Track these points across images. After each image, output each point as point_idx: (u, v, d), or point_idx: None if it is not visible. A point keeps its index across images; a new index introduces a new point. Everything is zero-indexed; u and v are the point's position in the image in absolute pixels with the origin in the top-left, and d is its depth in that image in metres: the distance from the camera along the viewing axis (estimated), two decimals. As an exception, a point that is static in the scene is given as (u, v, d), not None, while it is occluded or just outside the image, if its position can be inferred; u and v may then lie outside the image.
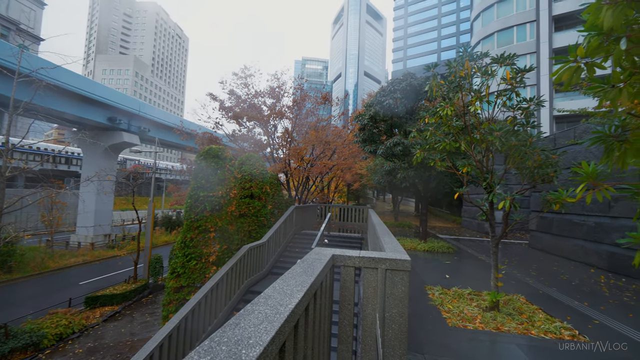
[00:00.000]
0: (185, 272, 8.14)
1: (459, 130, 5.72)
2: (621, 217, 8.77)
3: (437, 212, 28.37)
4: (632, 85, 1.73)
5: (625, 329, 4.79)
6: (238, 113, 16.96)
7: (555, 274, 8.46)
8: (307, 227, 15.02)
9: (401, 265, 2.60)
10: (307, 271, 2.06)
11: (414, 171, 10.01)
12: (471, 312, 5.09)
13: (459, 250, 11.55)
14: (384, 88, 11.22)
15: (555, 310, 5.49)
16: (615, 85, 1.76)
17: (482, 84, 5.57)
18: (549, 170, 4.72)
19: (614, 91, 1.75)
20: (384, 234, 4.21)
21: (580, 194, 2.12)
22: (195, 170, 8.64)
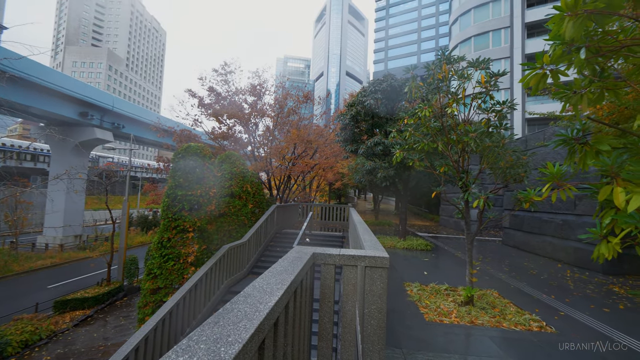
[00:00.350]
0: (162, 274, 7.91)
1: (436, 131, 5.89)
2: (585, 215, 9.34)
3: (417, 211, 29.05)
4: (591, 92, 1.86)
5: (587, 319, 5.11)
6: (218, 110, 16.65)
7: (526, 269, 8.89)
8: (288, 226, 14.99)
9: (380, 262, 2.66)
10: (287, 269, 2.08)
11: (394, 171, 10.21)
12: (447, 307, 5.27)
13: (437, 247, 11.90)
14: (365, 88, 11.36)
15: (525, 303, 5.78)
16: (576, 91, 1.89)
17: (458, 86, 5.77)
18: (520, 171, 4.96)
19: (576, 97, 1.88)
20: (364, 232, 4.28)
21: (546, 193, 2.25)
22: (173, 168, 8.42)
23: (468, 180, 5.42)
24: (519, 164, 4.96)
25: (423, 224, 21.60)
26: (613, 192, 1.58)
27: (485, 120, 5.39)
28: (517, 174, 5.03)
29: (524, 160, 4.96)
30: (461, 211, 5.68)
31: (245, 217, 11.71)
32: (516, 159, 4.98)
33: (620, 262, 8.57)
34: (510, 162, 5.00)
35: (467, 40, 30.14)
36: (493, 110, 5.33)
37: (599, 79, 1.90)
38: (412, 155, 5.81)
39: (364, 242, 3.55)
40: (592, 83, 1.85)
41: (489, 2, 29.36)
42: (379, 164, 10.43)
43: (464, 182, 5.41)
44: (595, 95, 1.96)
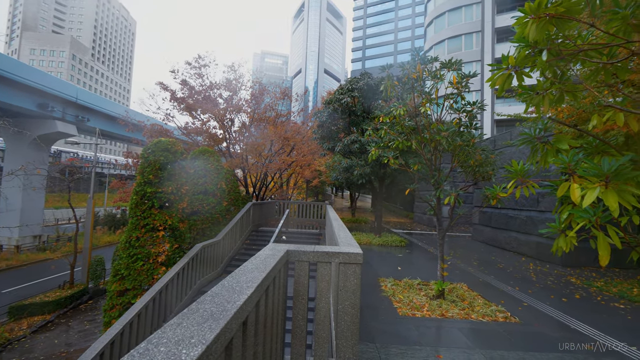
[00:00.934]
0: (130, 274, 7.56)
1: (411, 130, 6.02)
2: (546, 211, 9.94)
3: (392, 208, 29.69)
4: (552, 94, 1.96)
5: (547, 309, 5.44)
6: (191, 105, 16.11)
7: (493, 263, 9.33)
8: (265, 224, 14.81)
9: (353, 258, 2.67)
10: (259, 267, 2.03)
11: (370, 168, 10.35)
12: (420, 301, 5.42)
13: (411, 243, 12.22)
14: (342, 86, 11.41)
15: (492, 295, 6.06)
16: (539, 92, 1.98)
17: (432, 86, 5.92)
18: (488, 169, 5.19)
19: (538, 98, 1.97)
20: (339, 229, 4.29)
21: (510, 189, 2.34)
22: (142, 164, 8.04)
23: (440, 178, 5.59)
24: (487, 162, 5.18)
25: (398, 220, 22.12)
26: (570, 189, 1.66)
27: (456, 120, 5.57)
28: (485, 172, 5.25)
29: (492, 158, 5.19)
30: (433, 208, 5.85)
31: (219, 215, 11.44)
32: (485, 157, 5.20)
33: (577, 254, 9.20)
34: (479, 161, 5.21)
35: (441, 42, 31.06)
36: (464, 111, 5.52)
37: (559, 82, 2.00)
38: (387, 153, 5.90)
39: (339, 239, 3.55)
40: (553, 85, 1.94)
41: (462, 6, 30.40)
42: (355, 161, 10.53)
43: (436, 179, 5.57)
44: (556, 96, 2.07)
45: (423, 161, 5.97)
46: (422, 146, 5.76)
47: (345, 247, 2.95)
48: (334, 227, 4.80)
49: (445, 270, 6.06)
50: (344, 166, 10.95)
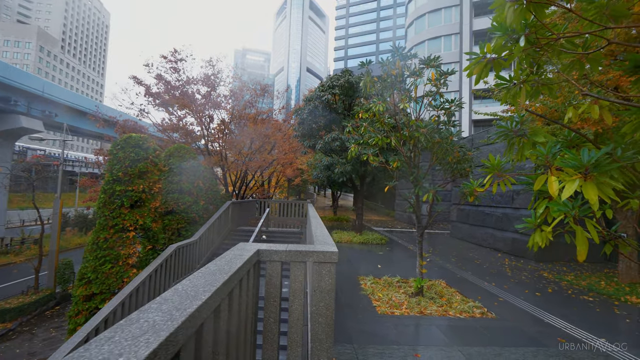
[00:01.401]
0: (97, 278, 7.12)
1: (390, 127, 5.98)
2: (521, 208, 10.23)
3: (373, 206, 29.93)
4: (529, 84, 1.90)
5: (522, 304, 5.55)
6: (168, 101, 15.54)
7: (471, 259, 9.51)
8: (244, 224, 14.49)
9: (328, 257, 2.55)
10: (222, 269, 1.86)
11: (351, 166, 10.28)
12: (399, 298, 5.38)
13: (391, 241, 12.29)
14: (323, 83, 11.28)
15: (469, 291, 6.12)
16: (516, 82, 1.91)
17: (411, 83, 5.90)
18: (466, 166, 5.21)
19: (515, 88, 1.90)
20: (316, 227, 4.16)
21: (487, 184, 2.28)
22: (111, 161, 7.60)
23: (419, 175, 5.57)
24: (465, 159, 5.21)
25: (379, 218, 22.29)
26: (547, 182, 1.60)
27: (435, 117, 5.57)
28: (463, 169, 5.28)
29: (470, 155, 5.22)
30: (412, 205, 5.83)
31: (196, 215, 11.06)
32: (462, 154, 5.22)
33: (549, 249, 9.51)
34: (457, 158, 5.22)
35: (421, 43, 31.55)
36: (442, 108, 5.52)
37: (535, 72, 1.95)
38: (367, 150, 5.82)
39: (315, 237, 3.42)
40: (529, 76, 1.88)
41: (442, 8, 31.00)
42: (336, 159, 10.44)
43: (415, 176, 5.54)
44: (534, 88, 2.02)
45: (402, 158, 5.94)
46: (401, 143, 5.72)
47: (320, 245, 2.82)
48: (312, 225, 4.67)
49: (425, 267, 6.07)
50: (324, 164, 10.84)
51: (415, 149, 5.77)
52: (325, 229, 3.98)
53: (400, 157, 6.00)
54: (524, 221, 2.23)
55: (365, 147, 6.00)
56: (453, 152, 5.32)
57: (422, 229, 5.78)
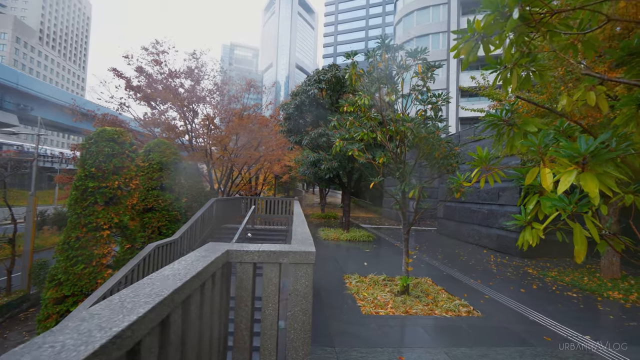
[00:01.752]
0: (69, 279, 6.72)
1: (377, 122, 5.81)
2: (507, 205, 10.28)
3: (361, 203, 29.93)
4: (520, 66, 1.73)
5: (507, 301, 5.49)
6: (150, 94, 14.99)
7: (457, 256, 9.49)
8: (230, 221, 14.15)
9: (305, 258, 2.34)
10: (178, 273, 1.63)
11: (337, 162, 10.10)
12: (384, 297, 5.24)
13: (378, 238, 12.21)
14: (309, 77, 11.04)
15: (455, 289, 6.04)
16: (507, 65, 1.74)
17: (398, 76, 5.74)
18: (452, 161, 5.09)
19: (506, 71, 1.73)
20: (297, 225, 3.96)
21: (475, 178, 2.12)
22: (84, 156, 7.17)
23: (405, 171, 5.43)
24: (451, 154, 5.08)
25: (367, 216, 22.26)
26: (540, 174, 1.43)
27: (421, 112, 5.42)
28: (449, 165, 5.15)
29: (457, 151, 5.10)
30: (399, 202, 5.69)
31: (178, 212, 10.69)
32: (449, 150, 5.09)
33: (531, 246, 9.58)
34: (443, 153, 5.09)
35: (409, 40, 31.58)
36: (429, 102, 5.37)
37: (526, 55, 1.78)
38: (352, 145, 5.64)
39: (294, 235, 3.22)
40: (521, 59, 1.71)
41: (430, 6, 31.07)
42: (322, 155, 10.24)
43: (402, 172, 5.40)
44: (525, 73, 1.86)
45: (389, 154, 5.78)
46: (387, 138, 5.56)
47: (297, 245, 2.61)
48: (294, 222, 4.46)
49: (411, 264, 5.95)
50: (311, 160, 10.62)
51: (401, 144, 5.62)
52: (306, 227, 3.77)
53: (386, 152, 5.83)
54: (513, 217, 2.08)
55: (351, 143, 5.82)
56: (440, 147, 5.19)
57: (408, 226, 5.65)
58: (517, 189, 9.87)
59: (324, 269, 7.25)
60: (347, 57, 5.61)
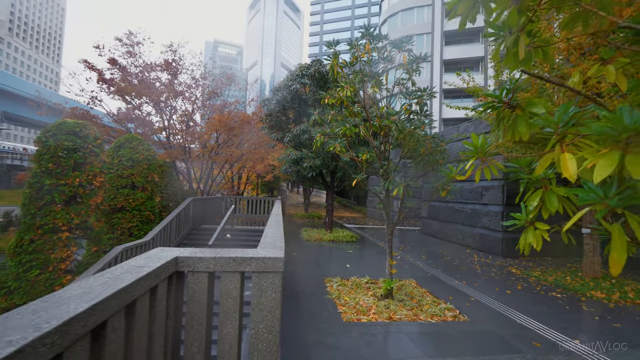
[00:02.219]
0: (21, 287, 6.06)
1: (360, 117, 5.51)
2: (490, 204, 10.22)
3: (346, 203, 29.74)
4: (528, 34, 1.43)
5: (493, 303, 5.30)
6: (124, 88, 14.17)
7: (441, 256, 9.34)
8: (209, 222, 13.57)
9: (271, 265, 1.98)
10: (90, 291, 1.22)
11: (320, 160, 9.75)
12: (367, 302, 4.93)
13: (362, 238, 11.95)
14: (292, 72, 10.64)
15: (440, 291, 5.81)
16: (512, 31, 1.44)
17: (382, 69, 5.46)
18: (438, 157, 4.83)
19: (511, 39, 1.43)
20: (271, 226, 3.58)
21: (469, 171, 1.81)
22: (40, 150, 6.51)
23: (389, 168, 5.14)
24: (437, 150, 4.83)
25: (351, 215, 22.06)
26: (559, 162, 1.12)
27: (406, 106, 5.15)
28: (435, 161, 4.90)
29: (443, 147, 4.85)
30: (382, 201, 5.40)
31: (150, 212, 10.06)
32: (435, 145, 4.84)
33: (515, 245, 9.57)
34: (429, 149, 4.83)
35: (394, 40, 31.62)
36: (415, 96, 5.11)
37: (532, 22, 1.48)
38: (335, 140, 5.30)
39: (264, 237, 2.84)
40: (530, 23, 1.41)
41: (414, 7, 31.24)
42: (305, 153, 9.86)
43: (386, 169, 5.10)
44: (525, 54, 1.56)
45: (372, 151, 5.49)
46: (370, 133, 5.25)
47: (264, 250, 2.24)
48: (268, 223, 4.08)
49: (395, 265, 5.66)
50: (292, 158, 10.22)
51: (386, 140, 5.33)
52: (280, 228, 3.39)
53: (370, 149, 5.53)
54: (514, 217, 1.79)
55: (333, 138, 5.49)
56: (425, 143, 4.92)
57: (392, 226, 5.36)
58: (500, 188, 9.83)
59: (304, 271, 6.88)
60: (329, 47, 5.26)
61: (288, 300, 4.93)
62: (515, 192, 9.71)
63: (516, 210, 8.89)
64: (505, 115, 1.70)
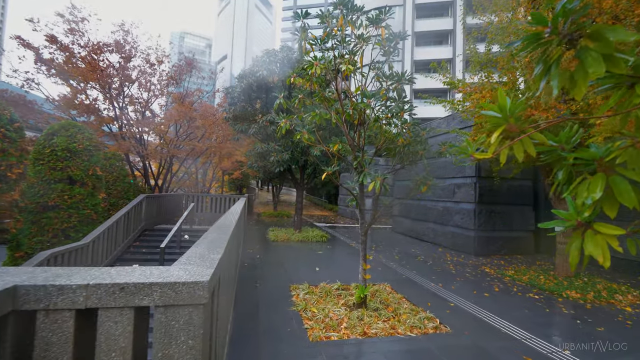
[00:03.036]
0: None
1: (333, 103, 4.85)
2: (462, 202, 10.03)
3: (317, 201, 29.18)
4: None
5: (473, 309, 4.88)
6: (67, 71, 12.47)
7: (414, 255, 8.97)
8: (166, 221, 12.33)
9: (187, 294, 1.24)
10: None
11: (289, 154, 9.00)
12: (337, 314, 4.29)
13: (333, 238, 11.37)
14: (258, 58, 9.75)
15: (417, 296, 5.31)
16: None
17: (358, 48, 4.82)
18: (419, 148, 4.28)
19: None
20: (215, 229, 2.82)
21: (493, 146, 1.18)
22: None
23: (364, 160, 4.52)
24: (417, 141, 4.28)
25: (322, 214, 21.49)
26: None
27: (383, 90, 4.56)
28: (415, 153, 4.35)
29: (423, 136, 4.30)
30: (356, 197, 4.78)
31: (92, 211, 8.77)
32: (415, 134, 4.29)
33: (487, 244, 9.45)
34: (408, 139, 4.27)
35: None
36: (392, 79, 4.53)
37: None
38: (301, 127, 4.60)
39: (196, 247, 2.07)
40: None
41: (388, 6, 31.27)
42: (272, 146, 9.06)
43: (360, 161, 4.48)
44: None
45: (345, 141, 4.85)
46: (342, 120, 4.61)
47: (182, 267, 1.49)
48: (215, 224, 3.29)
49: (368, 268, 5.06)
50: (258, 151, 9.37)
51: (360, 127, 4.71)
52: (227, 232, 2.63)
53: (342, 138, 4.88)
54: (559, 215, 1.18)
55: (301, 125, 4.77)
56: (403, 133, 4.36)
57: (366, 227, 4.76)
58: (472, 186, 9.66)
59: (268, 277, 6.11)
60: (297, 18, 4.53)
61: (244, 317, 4.15)
62: (488, 189, 9.59)
63: (489, 208, 8.60)
64: (555, 54, 1.08)
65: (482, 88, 6.35)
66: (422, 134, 4.25)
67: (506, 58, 6.26)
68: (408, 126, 4.21)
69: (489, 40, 6.83)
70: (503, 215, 9.77)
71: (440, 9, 31.78)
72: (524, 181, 10.16)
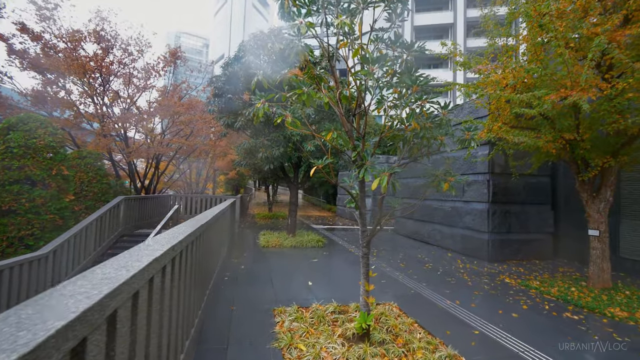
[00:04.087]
0: None
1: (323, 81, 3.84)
2: (473, 201, 9.02)
3: (315, 201, 28.18)
4: None
5: (505, 338, 3.86)
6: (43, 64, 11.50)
7: (421, 262, 7.96)
8: (148, 225, 11.32)
9: None
10: None
11: (280, 151, 7.99)
12: (333, 352, 3.28)
13: (331, 242, 10.35)
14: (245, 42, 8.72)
15: (432, 320, 4.30)
16: None
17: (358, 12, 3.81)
18: (440, 132, 3.24)
19: None
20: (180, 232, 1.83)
21: None
22: None
23: (365, 151, 3.51)
24: (436, 123, 3.25)
25: (320, 214, 20.49)
26: None
27: (389, 60, 3.54)
28: (433, 140, 3.32)
29: (445, 116, 3.26)
30: (354, 198, 3.78)
31: (57, 216, 7.76)
32: (433, 116, 3.26)
33: (501, 248, 8.45)
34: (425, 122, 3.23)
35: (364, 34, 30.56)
36: (400, 46, 3.51)
37: None
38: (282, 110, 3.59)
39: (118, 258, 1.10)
40: None
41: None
42: (260, 141, 8.05)
43: (360, 152, 3.47)
44: None
45: (340, 127, 3.85)
46: (337, 100, 3.60)
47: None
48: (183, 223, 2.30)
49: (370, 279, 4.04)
50: (245, 147, 8.36)
51: (359, 110, 3.70)
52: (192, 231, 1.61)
53: (337, 125, 3.87)
54: None
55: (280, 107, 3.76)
56: (418, 114, 3.34)
57: (368, 237, 3.75)
58: (485, 183, 8.65)
59: (249, 297, 5.08)
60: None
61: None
62: (503, 187, 8.59)
63: (504, 208, 7.54)
64: None
65: (504, 66, 5.36)
66: (444, 113, 3.21)
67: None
68: (425, 103, 3.18)
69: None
70: (519, 215, 8.77)
71: (440, 2, 30.93)
72: (541, 177, 9.16)
